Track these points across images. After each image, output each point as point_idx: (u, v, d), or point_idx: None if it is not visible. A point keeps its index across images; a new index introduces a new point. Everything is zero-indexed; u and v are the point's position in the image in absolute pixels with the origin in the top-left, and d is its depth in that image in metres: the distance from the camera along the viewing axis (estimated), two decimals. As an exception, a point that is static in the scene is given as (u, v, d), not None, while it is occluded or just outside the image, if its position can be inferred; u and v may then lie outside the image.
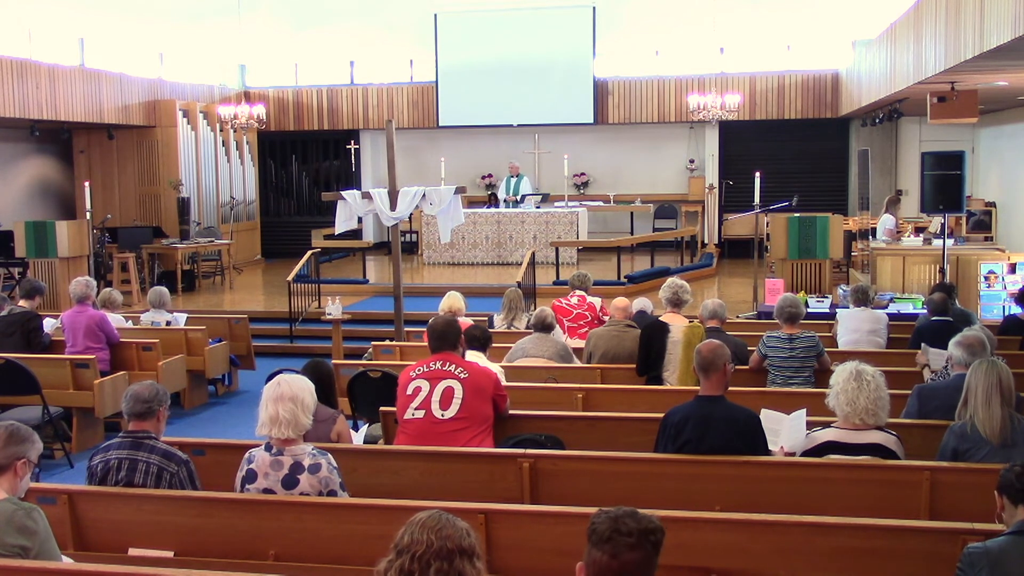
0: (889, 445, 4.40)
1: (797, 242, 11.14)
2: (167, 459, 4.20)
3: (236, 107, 16.84)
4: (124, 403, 4.31)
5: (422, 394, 4.92)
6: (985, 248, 11.89)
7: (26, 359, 7.55)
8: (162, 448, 4.24)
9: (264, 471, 4.05)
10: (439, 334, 5.09)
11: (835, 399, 4.43)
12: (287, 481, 4.02)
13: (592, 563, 2.37)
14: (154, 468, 4.17)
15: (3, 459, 3.56)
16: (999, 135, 15.47)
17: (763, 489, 4.39)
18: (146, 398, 4.26)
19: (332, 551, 3.95)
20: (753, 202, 12.46)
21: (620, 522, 2.37)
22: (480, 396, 4.93)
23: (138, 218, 16.23)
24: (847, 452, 4.42)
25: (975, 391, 4.35)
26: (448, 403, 4.88)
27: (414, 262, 17.13)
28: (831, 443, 4.46)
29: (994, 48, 7.48)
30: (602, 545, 2.35)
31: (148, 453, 4.20)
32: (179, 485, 4.19)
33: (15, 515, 3.45)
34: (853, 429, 4.43)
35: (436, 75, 18.59)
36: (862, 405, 4.35)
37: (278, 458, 4.04)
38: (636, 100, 18.22)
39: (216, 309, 12.78)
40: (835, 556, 3.67)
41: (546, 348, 6.95)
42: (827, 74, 17.60)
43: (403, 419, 4.98)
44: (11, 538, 3.42)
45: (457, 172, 17.68)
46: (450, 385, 4.91)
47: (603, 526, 2.38)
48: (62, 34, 14.86)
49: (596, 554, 2.36)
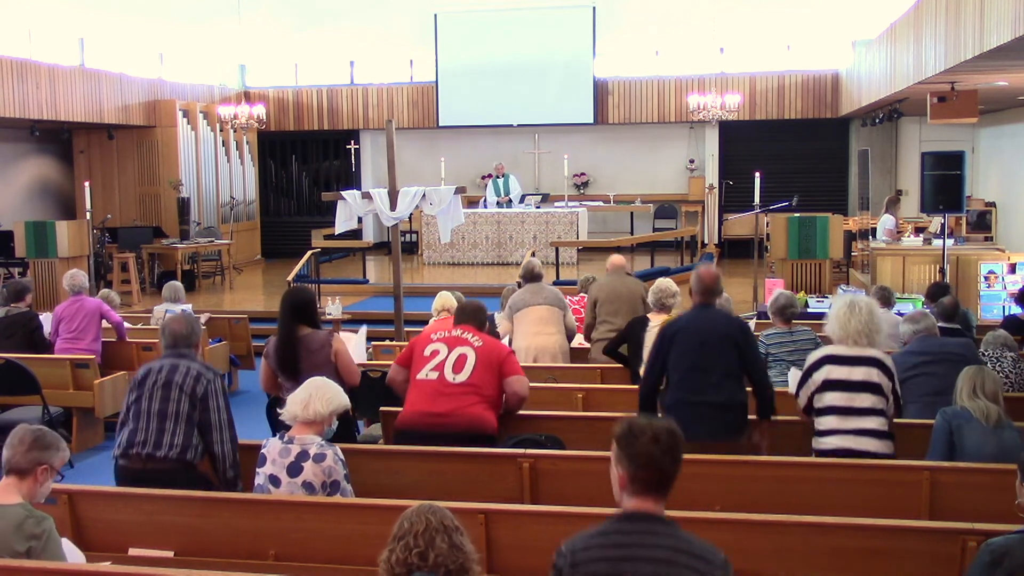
0: (884, 359, 4.79)
1: (797, 242, 11.14)
2: (207, 368, 4.57)
3: (236, 107, 16.85)
4: (163, 338, 4.68)
5: (439, 357, 5.05)
6: (985, 248, 11.89)
7: (26, 359, 7.53)
8: (201, 361, 4.64)
9: (273, 457, 4.16)
10: (469, 312, 5.29)
11: (829, 325, 4.88)
12: (292, 468, 4.11)
13: (635, 465, 2.65)
14: (194, 370, 4.50)
15: (25, 463, 3.55)
16: (999, 135, 15.47)
17: (763, 489, 4.39)
18: (185, 334, 4.63)
19: (332, 551, 3.95)
20: (753, 202, 12.45)
21: (657, 430, 2.69)
22: (489, 368, 5.02)
23: (138, 218, 16.23)
24: (846, 363, 4.75)
25: (960, 391, 4.56)
26: (460, 368, 5.01)
27: (414, 262, 17.14)
28: (830, 356, 4.81)
29: (994, 48, 7.48)
30: (640, 458, 2.66)
31: (190, 360, 4.56)
32: (214, 394, 4.49)
33: (26, 523, 3.45)
34: (849, 348, 4.80)
35: (436, 75, 18.59)
36: (853, 327, 4.76)
37: (288, 446, 4.16)
38: (636, 100, 18.22)
39: (216, 309, 12.77)
40: (835, 556, 3.67)
41: (544, 295, 7.35)
42: (827, 74, 17.60)
43: (416, 378, 5.08)
44: (20, 545, 3.41)
45: (457, 172, 17.68)
46: (464, 352, 5.05)
47: (645, 438, 2.67)
48: (62, 34, 14.86)
49: (640, 466, 2.66)
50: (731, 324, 5.16)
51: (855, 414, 4.70)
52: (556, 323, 7.34)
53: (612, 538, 2.65)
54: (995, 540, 3.04)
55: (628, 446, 2.67)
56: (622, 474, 2.69)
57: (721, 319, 5.17)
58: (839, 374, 4.75)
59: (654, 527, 2.66)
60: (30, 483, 3.55)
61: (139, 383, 4.53)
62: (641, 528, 2.65)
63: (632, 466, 2.66)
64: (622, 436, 2.69)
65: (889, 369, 4.75)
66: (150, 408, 4.44)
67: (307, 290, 5.63)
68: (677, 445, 2.70)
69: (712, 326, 5.05)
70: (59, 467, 3.67)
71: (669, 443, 2.67)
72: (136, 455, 4.43)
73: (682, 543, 2.63)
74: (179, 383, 4.45)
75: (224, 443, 4.49)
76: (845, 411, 4.72)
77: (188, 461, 4.44)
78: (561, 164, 16.84)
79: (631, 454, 2.66)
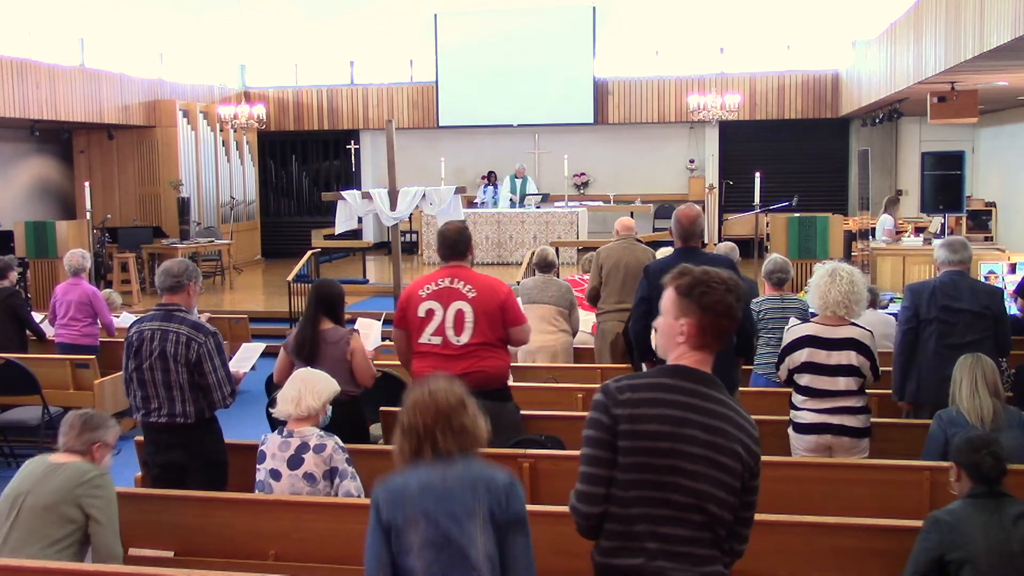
0: (864, 340, 4.72)
1: (797, 242, 11.13)
2: (196, 330, 4.55)
3: (236, 107, 16.84)
4: (157, 278, 4.71)
5: (436, 318, 4.87)
6: (985, 248, 11.88)
7: (26, 359, 7.53)
8: (191, 320, 4.60)
9: (272, 452, 4.19)
10: (451, 243, 5.01)
11: (810, 294, 4.83)
12: (292, 461, 4.14)
13: (706, 317, 2.59)
14: (183, 337, 4.51)
15: (80, 445, 3.87)
16: (999, 135, 15.47)
17: (763, 489, 4.37)
18: (176, 272, 4.62)
19: (332, 551, 3.95)
20: (753, 202, 12.46)
21: (732, 280, 2.64)
22: (490, 320, 4.87)
23: (138, 218, 16.22)
24: (825, 347, 4.71)
25: (960, 384, 4.45)
26: (461, 328, 4.84)
27: (414, 262, 17.13)
28: (809, 336, 4.75)
29: (994, 48, 7.48)
30: (720, 307, 2.60)
31: (178, 324, 4.55)
32: (207, 355, 4.53)
33: (87, 475, 3.74)
34: (830, 325, 4.75)
35: (436, 75, 18.59)
36: (833, 298, 4.70)
37: (287, 440, 4.19)
38: (636, 100, 18.22)
39: (216, 309, 12.77)
40: (835, 556, 3.68)
41: (550, 293, 7.26)
42: (827, 74, 17.60)
43: (419, 343, 4.93)
44: (83, 490, 3.70)
45: (457, 172, 17.68)
46: (460, 308, 4.85)
47: (720, 286, 2.61)
48: (62, 34, 14.85)
49: (714, 315, 2.59)
50: (718, 262, 5.09)
51: (832, 396, 4.74)
52: (559, 322, 7.33)
53: (673, 396, 2.60)
54: (941, 512, 3.45)
55: (703, 295, 2.60)
56: (692, 322, 2.60)
57: (708, 260, 5.11)
58: (818, 358, 4.73)
59: (711, 389, 2.62)
60: (88, 460, 3.84)
61: (135, 351, 4.61)
62: (700, 389, 2.61)
63: (709, 315, 2.59)
64: (695, 285, 2.61)
65: (868, 349, 4.73)
66: (154, 378, 4.59)
67: (337, 285, 5.49)
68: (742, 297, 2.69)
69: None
70: (113, 442, 3.93)
71: (739, 294, 2.64)
72: (156, 421, 4.63)
73: (731, 411, 2.62)
74: (172, 353, 4.52)
75: (225, 397, 4.66)
76: (823, 393, 4.75)
77: (207, 419, 4.66)
78: (561, 164, 16.83)
79: (708, 303, 2.59)
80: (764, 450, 4.88)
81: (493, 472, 2.78)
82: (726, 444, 2.57)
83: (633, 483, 2.58)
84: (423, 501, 2.69)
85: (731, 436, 2.58)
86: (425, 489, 2.70)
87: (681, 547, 2.56)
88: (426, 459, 2.75)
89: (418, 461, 2.76)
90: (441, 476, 2.72)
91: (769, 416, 5.32)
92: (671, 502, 2.56)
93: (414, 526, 2.67)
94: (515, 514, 2.73)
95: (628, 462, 2.58)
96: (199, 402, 4.60)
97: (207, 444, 4.65)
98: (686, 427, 2.57)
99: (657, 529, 2.57)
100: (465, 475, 2.73)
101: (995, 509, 3.43)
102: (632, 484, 2.58)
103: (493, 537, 2.68)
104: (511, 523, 2.72)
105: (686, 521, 2.56)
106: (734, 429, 2.59)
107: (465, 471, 2.74)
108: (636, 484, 2.58)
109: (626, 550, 2.59)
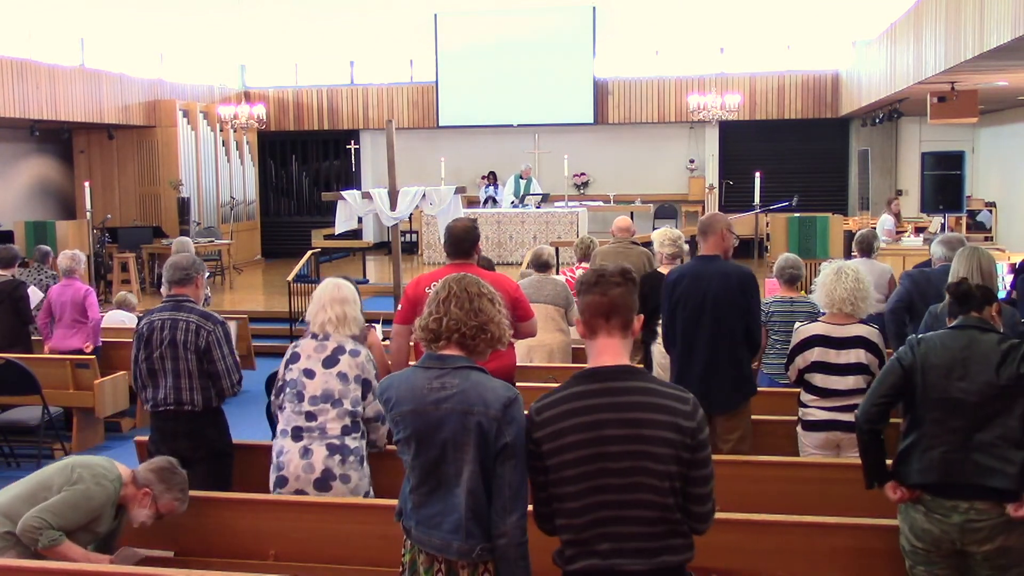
0: (872, 338, 4.79)
1: (797, 242, 11.15)
2: (205, 318, 4.73)
3: (236, 107, 16.85)
4: (165, 272, 4.90)
5: None
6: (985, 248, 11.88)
7: (26, 359, 7.54)
8: (200, 310, 4.80)
9: (308, 353, 4.31)
10: (457, 240, 4.98)
11: (817, 292, 4.91)
12: (328, 360, 4.26)
13: (587, 307, 2.73)
14: (193, 325, 4.67)
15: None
16: (999, 135, 15.47)
17: (763, 489, 4.39)
18: (184, 266, 4.82)
19: (332, 551, 3.95)
20: (753, 202, 12.47)
21: (602, 269, 2.77)
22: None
23: (138, 218, 16.23)
24: (834, 346, 4.78)
25: (956, 274, 4.44)
26: None
27: (414, 262, 17.13)
28: (819, 336, 4.81)
29: (994, 48, 7.49)
30: (592, 288, 2.71)
31: (188, 313, 4.71)
32: (216, 343, 4.69)
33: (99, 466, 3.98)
34: (837, 324, 4.81)
35: (436, 75, 18.59)
36: (839, 295, 4.76)
37: (323, 342, 4.32)
38: (636, 100, 18.22)
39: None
40: (835, 556, 3.68)
41: (546, 292, 7.23)
42: (827, 74, 17.60)
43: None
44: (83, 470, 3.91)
45: (457, 172, 17.68)
46: None
47: (590, 276, 2.76)
48: (62, 34, 14.85)
49: (588, 297, 2.72)
50: (728, 282, 5.12)
51: (842, 395, 4.79)
52: (557, 321, 7.32)
53: (585, 401, 2.68)
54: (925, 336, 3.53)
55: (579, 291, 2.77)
56: (579, 316, 2.78)
57: (716, 280, 5.11)
58: (828, 357, 4.79)
59: (623, 380, 2.69)
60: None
61: (146, 341, 4.74)
62: (611, 385, 2.68)
63: (581, 299, 2.76)
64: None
65: (877, 347, 4.79)
66: (164, 367, 4.70)
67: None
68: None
69: (707, 285, 5.06)
70: (164, 507, 4.01)
71: (615, 274, 2.76)
72: (166, 411, 4.74)
73: (650, 395, 2.66)
74: (182, 341, 4.66)
75: (233, 384, 4.82)
76: (833, 392, 4.81)
77: (213, 408, 4.79)
78: (561, 164, 16.82)
79: (580, 290, 2.77)
80: (771, 450, 4.96)
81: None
82: (649, 432, 2.61)
83: (572, 495, 2.66)
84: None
85: (653, 423, 2.61)
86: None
87: (632, 543, 2.63)
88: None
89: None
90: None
91: (776, 416, 5.33)
92: (610, 503, 2.63)
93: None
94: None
95: (561, 476, 2.67)
96: (207, 390, 4.72)
97: (212, 434, 4.76)
98: (604, 428, 2.63)
99: (606, 531, 2.64)
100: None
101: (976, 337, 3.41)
102: (571, 496, 2.66)
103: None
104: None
105: (631, 518, 2.62)
106: (656, 413, 2.62)
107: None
108: (575, 495, 2.66)
109: (583, 554, 2.68)
